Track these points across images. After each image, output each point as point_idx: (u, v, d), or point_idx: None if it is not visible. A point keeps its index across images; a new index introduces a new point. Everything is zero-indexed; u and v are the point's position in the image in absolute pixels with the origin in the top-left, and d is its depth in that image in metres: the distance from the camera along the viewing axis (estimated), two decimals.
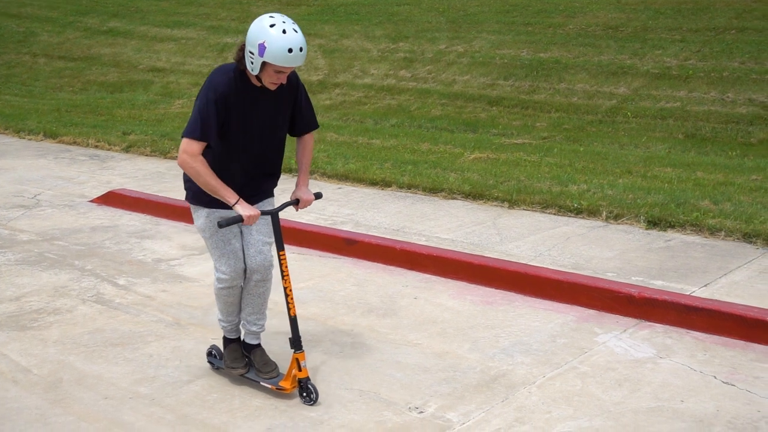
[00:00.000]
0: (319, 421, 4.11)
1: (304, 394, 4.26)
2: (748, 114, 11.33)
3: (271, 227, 4.44)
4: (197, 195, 4.34)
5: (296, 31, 3.91)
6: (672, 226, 6.52)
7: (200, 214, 4.39)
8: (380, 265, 6.32)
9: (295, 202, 4.49)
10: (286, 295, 4.29)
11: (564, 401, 4.19)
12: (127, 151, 10.74)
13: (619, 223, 6.72)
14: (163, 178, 9.12)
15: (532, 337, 4.98)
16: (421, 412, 4.14)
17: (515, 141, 10.95)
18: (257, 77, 4.08)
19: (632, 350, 4.74)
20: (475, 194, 7.63)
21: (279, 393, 4.39)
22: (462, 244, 6.37)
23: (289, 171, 8.48)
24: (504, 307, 5.46)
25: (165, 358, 4.88)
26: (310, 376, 4.46)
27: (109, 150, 10.93)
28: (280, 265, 4.28)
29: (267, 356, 4.55)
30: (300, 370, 4.24)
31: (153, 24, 20.93)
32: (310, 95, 4.63)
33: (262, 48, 3.90)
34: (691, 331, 4.95)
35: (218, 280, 4.44)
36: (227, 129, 4.13)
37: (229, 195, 4.13)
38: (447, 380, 4.46)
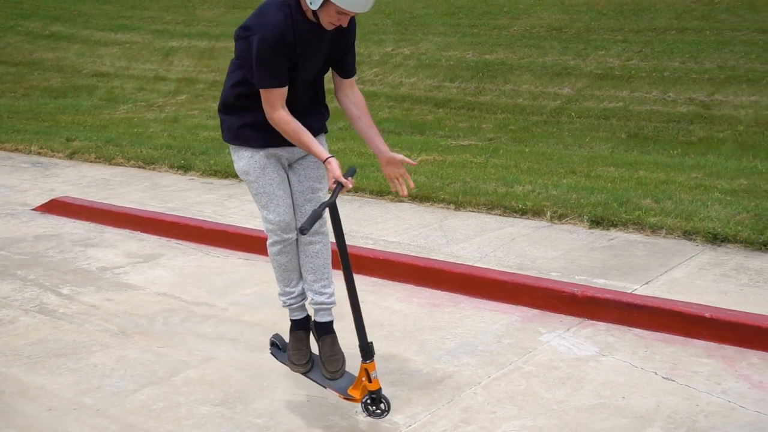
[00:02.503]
0: (265, 427, 4.11)
1: (373, 407, 3.93)
2: (688, 113, 11.55)
3: (320, 171, 4.04)
4: (236, 132, 3.94)
5: None
6: (615, 225, 6.63)
7: (242, 155, 3.96)
8: None
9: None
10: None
11: (509, 401, 4.25)
12: (71, 158, 10.58)
13: (563, 223, 6.82)
14: (108, 185, 9.01)
15: (477, 338, 5.03)
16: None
17: (462, 143, 11.03)
18: (314, 13, 3.70)
19: (575, 349, 4.82)
20: (422, 197, 7.67)
21: (225, 400, 4.38)
22: (409, 247, 6.41)
23: None
24: (450, 309, 5.50)
25: (110, 368, 4.83)
26: (257, 382, 4.44)
27: (52, 157, 10.76)
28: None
29: (337, 347, 4.14)
30: (370, 381, 3.89)
31: (96, 28, 20.64)
32: None
33: None
34: (633, 329, 5.04)
35: (269, 233, 4.05)
36: None
37: (321, 150, 3.78)
38: (393, 383, 4.49)
